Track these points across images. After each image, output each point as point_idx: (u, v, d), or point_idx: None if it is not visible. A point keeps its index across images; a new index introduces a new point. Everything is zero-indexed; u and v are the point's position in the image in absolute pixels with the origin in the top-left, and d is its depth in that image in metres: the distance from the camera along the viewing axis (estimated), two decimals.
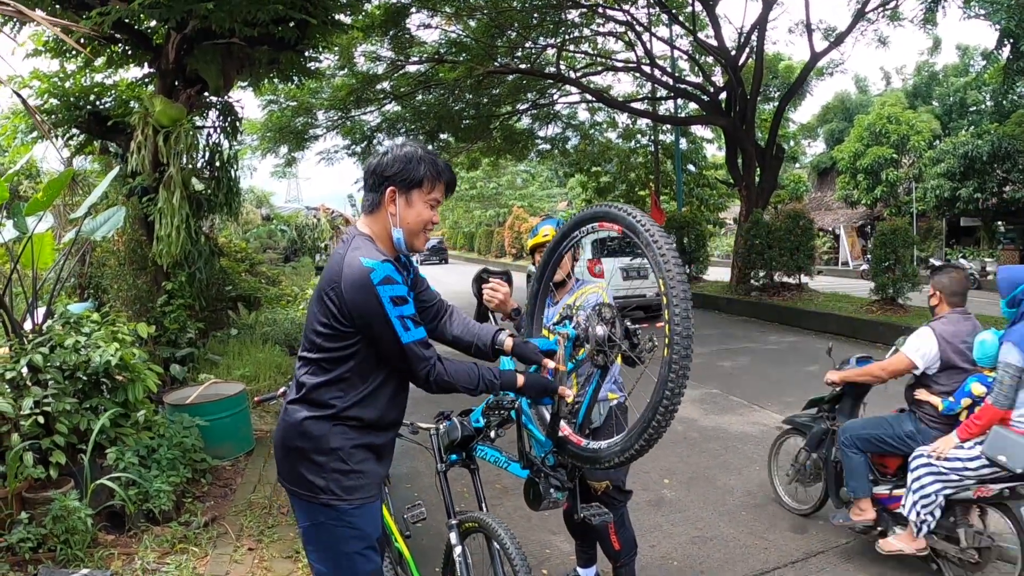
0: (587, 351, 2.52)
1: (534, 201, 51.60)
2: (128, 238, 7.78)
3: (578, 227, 2.67)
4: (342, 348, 2.35)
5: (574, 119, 25.80)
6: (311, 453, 2.38)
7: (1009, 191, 24.86)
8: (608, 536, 3.66)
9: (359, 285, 2.26)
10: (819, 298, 16.07)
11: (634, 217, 2.34)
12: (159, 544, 4.16)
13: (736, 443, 6.98)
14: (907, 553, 4.12)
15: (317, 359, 2.39)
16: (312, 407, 2.38)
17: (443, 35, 18.43)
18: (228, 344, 8.97)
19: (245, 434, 6.23)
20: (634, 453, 2.32)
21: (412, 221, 2.44)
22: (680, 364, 2.12)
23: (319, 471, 2.37)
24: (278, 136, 19.98)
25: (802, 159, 42.83)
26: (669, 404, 2.16)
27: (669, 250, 2.20)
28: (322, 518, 2.41)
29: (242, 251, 15.29)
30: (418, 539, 4.33)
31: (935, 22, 11.65)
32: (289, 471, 2.45)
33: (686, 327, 2.12)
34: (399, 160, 2.41)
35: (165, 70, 7.89)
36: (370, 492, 2.45)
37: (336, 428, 2.38)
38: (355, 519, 2.41)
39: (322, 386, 2.38)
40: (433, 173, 2.44)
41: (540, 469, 2.80)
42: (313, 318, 2.39)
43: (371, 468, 2.46)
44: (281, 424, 2.48)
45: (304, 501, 2.42)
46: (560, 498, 2.81)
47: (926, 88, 35.59)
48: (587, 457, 2.55)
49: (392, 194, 2.41)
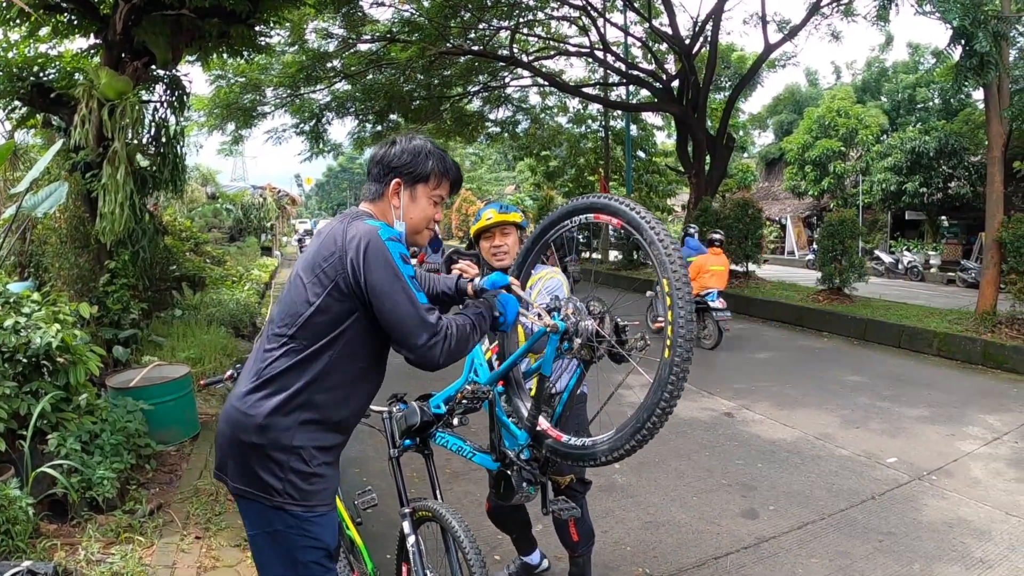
0: (575, 345, 2.41)
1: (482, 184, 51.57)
2: (70, 215, 7.51)
3: (571, 216, 2.55)
4: (331, 325, 2.18)
5: (525, 103, 25.83)
6: (269, 450, 2.17)
7: (954, 187, 25.54)
8: (568, 528, 3.62)
9: (368, 244, 2.13)
10: (766, 286, 16.36)
11: (638, 212, 2.25)
12: (103, 533, 4.01)
13: (686, 429, 7.04)
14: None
15: (295, 338, 2.20)
16: (276, 395, 2.18)
17: (396, 14, 18.26)
18: (172, 325, 8.77)
19: (190, 418, 6.07)
20: (624, 453, 2.25)
21: (416, 216, 2.37)
22: (681, 367, 2.07)
23: (276, 469, 2.17)
24: (226, 113, 19.55)
25: (751, 149, 43.54)
26: (666, 406, 2.11)
27: (675, 250, 2.14)
28: (279, 525, 2.21)
29: (187, 230, 14.99)
30: (369, 525, 4.28)
31: (888, 19, 11.81)
32: (239, 469, 2.22)
33: (689, 330, 2.06)
34: (408, 152, 2.34)
35: (112, 41, 7.60)
36: (328, 499, 2.28)
37: (301, 424, 2.19)
38: (314, 528, 2.23)
39: (293, 370, 2.18)
40: (441, 169, 2.37)
41: (513, 462, 2.73)
42: (298, 297, 2.22)
43: (330, 473, 2.29)
44: (231, 416, 2.24)
45: (257, 504, 2.21)
46: (532, 492, 2.74)
47: (876, 83, 36.36)
48: (570, 453, 2.46)
49: (397, 186, 2.33)
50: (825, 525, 4.87)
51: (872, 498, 5.33)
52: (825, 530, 4.79)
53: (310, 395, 2.19)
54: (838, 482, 5.65)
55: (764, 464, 6.09)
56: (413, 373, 2.49)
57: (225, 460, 2.27)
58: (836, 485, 5.58)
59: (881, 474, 5.82)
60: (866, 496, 5.36)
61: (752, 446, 6.56)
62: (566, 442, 2.48)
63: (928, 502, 5.27)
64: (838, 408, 7.70)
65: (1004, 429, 6.94)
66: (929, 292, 19.88)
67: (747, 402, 8.00)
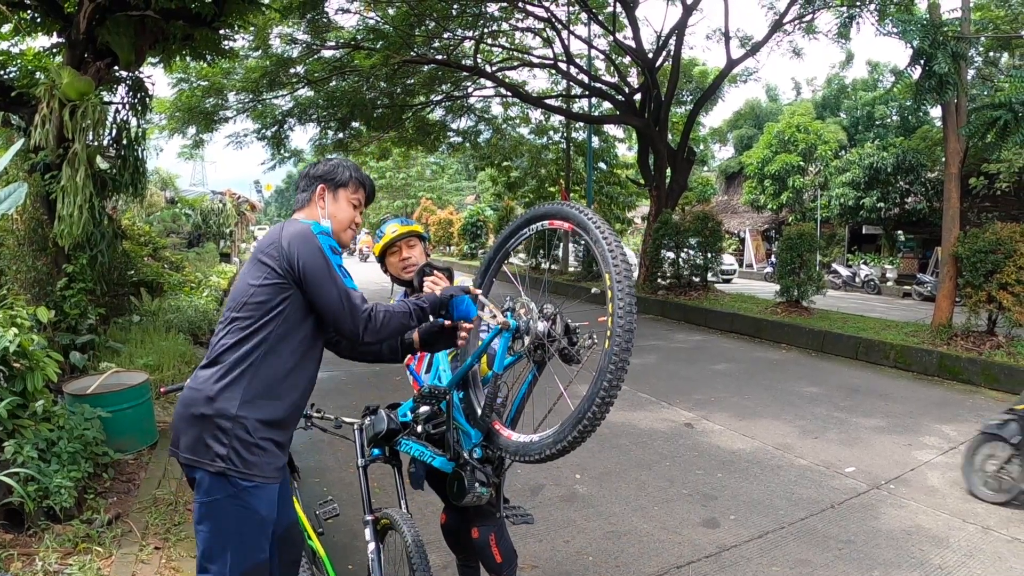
0: (525, 345, 2.52)
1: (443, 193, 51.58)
2: (28, 216, 7.34)
3: (529, 224, 2.72)
4: (270, 303, 2.43)
5: (487, 113, 25.82)
6: (215, 418, 2.37)
7: (911, 202, 26.12)
8: (490, 548, 3.49)
9: (301, 235, 2.46)
10: (725, 298, 16.53)
11: (585, 215, 2.42)
12: (61, 544, 3.92)
13: (646, 439, 7.08)
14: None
15: (239, 318, 2.45)
16: (223, 369, 2.41)
17: (361, 21, 18.20)
18: (130, 332, 8.61)
19: (148, 426, 5.97)
20: (567, 445, 2.32)
21: (340, 216, 2.74)
22: (620, 357, 2.17)
23: (222, 436, 2.36)
24: (187, 116, 19.24)
25: (711, 163, 44.01)
26: (606, 396, 2.19)
27: (617, 247, 2.30)
28: (218, 494, 2.38)
29: (145, 234, 14.78)
30: (331, 535, 4.25)
31: (849, 36, 12.11)
32: (189, 441, 2.41)
33: (628, 321, 2.19)
34: (328, 165, 2.78)
35: (75, 40, 7.47)
36: (268, 473, 2.44)
37: (245, 394, 2.39)
38: (251, 498, 2.39)
39: (238, 345, 2.42)
40: (357, 178, 2.78)
41: (467, 462, 2.77)
42: (243, 283, 2.50)
43: (272, 449, 2.46)
44: (185, 396, 2.46)
45: (203, 471, 2.38)
46: (484, 493, 2.78)
47: (835, 100, 37.07)
48: (518, 450, 2.55)
49: (323, 191, 2.72)
50: (785, 534, 4.94)
51: (831, 507, 5.42)
52: (785, 539, 4.86)
53: (255, 368, 2.42)
54: (797, 491, 5.73)
55: (724, 474, 6.15)
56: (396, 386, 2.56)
57: (179, 436, 2.46)
58: (796, 494, 5.66)
59: (840, 483, 5.92)
60: (825, 505, 5.45)
61: (712, 456, 6.62)
62: (515, 440, 2.57)
63: (886, 510, 5.37)
64: (796, 419, 7.81)
65: (960, 439, 7.08)
66: (886, 305, 20.27)
67: (706, 413, 8.07)
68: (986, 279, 9.99)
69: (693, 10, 17.43)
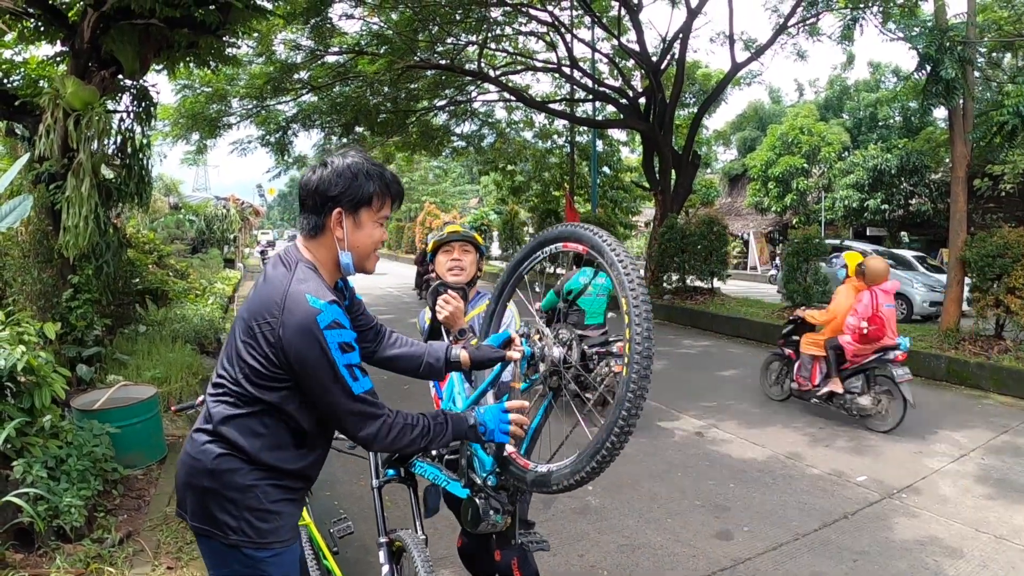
0: (541, 372, 2.45)
1: (446, 197, 51.60)
2: (33, 228, 7.32)
3: (543, 247, 2.57)
4: (264, 389, 2.11)
5: (491, 117, 25.83)
6: (223, 491, 2.12)
7: (915, 204, 26.09)
8: (512, 573, 3.47)
9: (304, 329, 2.02)
10: (731, 303, 16.46)
11: (600, 237, 2.28)
12: (72, 564, 3.88)
13: (657, 449, 7.04)
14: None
15: (232, 393, 2.14)
16: (222, 444, 2.13)
17: (365, 26, 18.18)
18: (136, 342, 8.55)
19: (157, 441, 5.91)
20: (584, 476, 2.20)
21: (363, 244, 2.22)
22: (638, 384, 2.05)
23: (232, 508, 2.12)
24: (191, 123, 19.26)
25: (715, 165, 44.00)
26: (625, 425, 2.07)
27: (633, 270, 2.17)
28: (235, 565, 2.16)
29: (150, 242, 14.71)
30: (343, 550, 4.21)
31: (852, 39, 12.06)
32: (196, 508, 2.17)
33: (647, 347, 2.06)
34: (343, 176, 2.15)
35: (79, 49, 7.45)
36: (285, 536, 2.21)
37: (251, 468, 2.14)
38: (269, 567, 2.17)
39: (234, 421, 2.13)
40: (382, 189, 2.21)
41: (481, 489, 2.70)
42: (239, 345, 2.13)
43: (288, 510, 2.23)
44: (186, 459, 2.19)
45: (215, 543, 2.16)
46: (499, 521, 2.68)
47: (838, 101, 37.04)
48: (535, 481, 2.43)
49: (339, 216, 2.16)
50: (799, 545, 4.90)
51: (844, 517, 5.38)
52: (799, 550, 4.82)
53: (256, 453, 2.14)
54: (810, 501, 5.69)
55: (736, 484, 6.11)
56: (404, 395, 2.48)
57: (184, 498, 2.22)
58: (808, 504, 5.62)
59: (852, 493, 5.88)
60: (838, 515, 5.41)
61: (724, 466, 6.59)
62: (533, 469, 2.44)
63: (899, 520, 5.33)
64: (806, 426, 7.77)
65: (970, 446, 7.05)
66: None
67: (716, 420, 8.04)
68: (994, 283, 9.96)
69: (697, 13, 17.40)
